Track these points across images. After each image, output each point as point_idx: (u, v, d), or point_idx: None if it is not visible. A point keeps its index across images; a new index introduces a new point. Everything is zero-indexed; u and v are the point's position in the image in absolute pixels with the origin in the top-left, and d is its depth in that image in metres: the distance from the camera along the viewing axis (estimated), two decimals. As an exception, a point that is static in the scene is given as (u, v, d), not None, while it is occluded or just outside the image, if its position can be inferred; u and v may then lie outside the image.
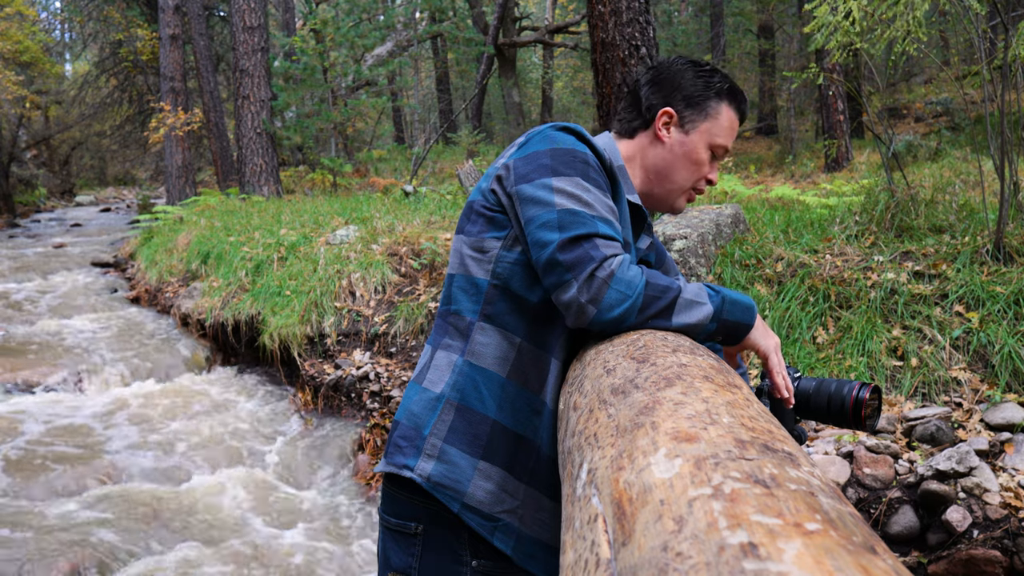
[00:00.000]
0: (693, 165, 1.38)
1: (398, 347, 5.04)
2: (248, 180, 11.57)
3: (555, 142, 1.25)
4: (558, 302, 1.15)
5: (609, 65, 5.26)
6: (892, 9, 4.13)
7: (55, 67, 21.94)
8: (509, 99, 17.30)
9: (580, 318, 1.12)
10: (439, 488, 1.22)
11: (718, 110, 1.37)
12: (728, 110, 1.38)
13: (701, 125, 1.37)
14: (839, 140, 10.90)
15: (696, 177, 1.39)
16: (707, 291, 1.18)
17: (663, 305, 1.12)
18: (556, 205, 1.16)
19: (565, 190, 1.18)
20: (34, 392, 5.45)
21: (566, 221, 1.14)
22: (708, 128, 1.37)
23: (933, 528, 2.77)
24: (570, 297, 1.11)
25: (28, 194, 21.53)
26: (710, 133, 1.37)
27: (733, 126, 1.40)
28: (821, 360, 3.63)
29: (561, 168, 1.20)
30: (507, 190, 1.25)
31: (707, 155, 1.38)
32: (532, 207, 1.19)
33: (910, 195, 4.66)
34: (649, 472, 0.58)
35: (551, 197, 1.17)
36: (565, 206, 1.16)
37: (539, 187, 1.19)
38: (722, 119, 1.38)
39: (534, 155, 1.24)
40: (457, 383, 1.25)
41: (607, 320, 1.10)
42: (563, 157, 1.22)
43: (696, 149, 1.37)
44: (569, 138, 1.27)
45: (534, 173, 1.21)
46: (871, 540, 0.46)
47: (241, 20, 11.39)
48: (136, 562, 3.37)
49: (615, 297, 1.10)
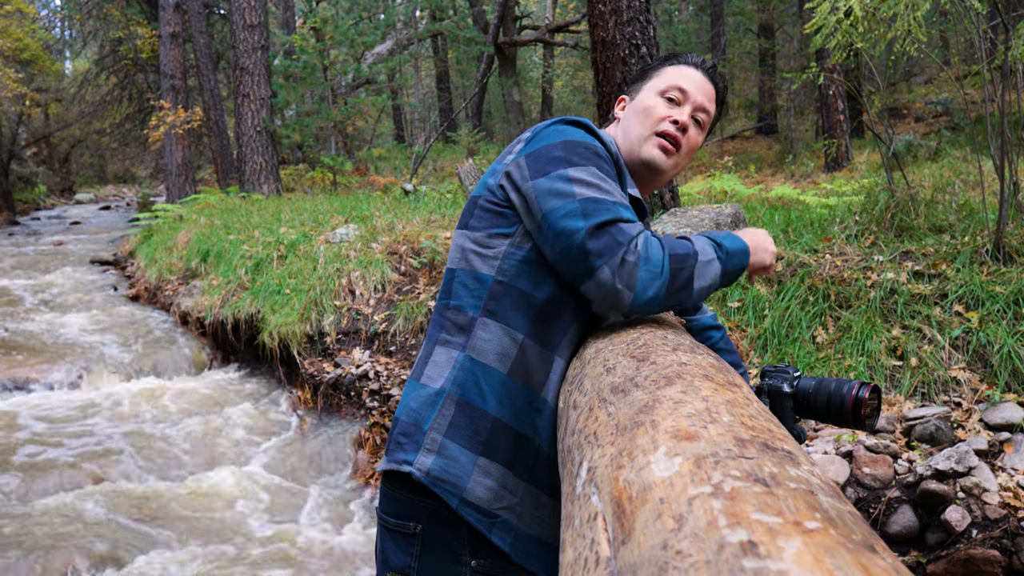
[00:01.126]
0: (643, 113, 1.39)
1: (398, 346, 5.04)
2: (248, 178, 11.56)
3: (565, 135, 1.26)
4: (590, 290, 1.16)
5: (609, 64, 5.25)
6: (893, 8, 4.13)
7: (55, 65, 21.92)
8: (509, 98, 17.30)
9: (617, 304, 1.14)
10: (438, 483, 1.22)
11: (660, 70, 1.43)
12: (671, 67, 1.42)
13: (645, 85, 1.43)
14: (839, 140, 10.90)
15: (652, 121, 1.38)
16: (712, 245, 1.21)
17: (686, 276, 1.15)
18: (577, 195, 1.17)
19: (583, 179, 1.19)
20: (33, 389, 5.45)
21: (589, 209, 1.16)
22: (652, 83, 1.42)
23: (932, 528, 2.77)
24: (604, 283, 1.13)
25: (28, 192, 21.52)
26: (654, 85, 1.41)
27: (683, 73, 1.40)
28: (821, 359, 3.63)
29: (576, 159, 1.22)
30: (519, 186, 1.24)
31: (657, 101, 1.39)
32: (551, 199, 1.19)
33: (910, 195, 4.66)
34: (649, 470, 0.58)
35: (570, 187, 1.18)
36: (586, 195, 1.17)
37: (556, 179, 1.20)
38: (666, 73, 1.41)
39: (546, 149, 1.24)
40: (458, 378, 1.25)
41: (643, 302, 1.13)
42: (576, 149, 1.24)
43: (642, 100, 1.40)
44: (579, 131, 1.28)
45: (549, 166, 1.22)
46: (870, 539, 0.46)
47: (241, 18, 11.39)
48: (134, 560, 3.37)
49: (646, 278, 1.12)
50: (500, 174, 1.28)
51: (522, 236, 1.25)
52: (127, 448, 4.52)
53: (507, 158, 1.30)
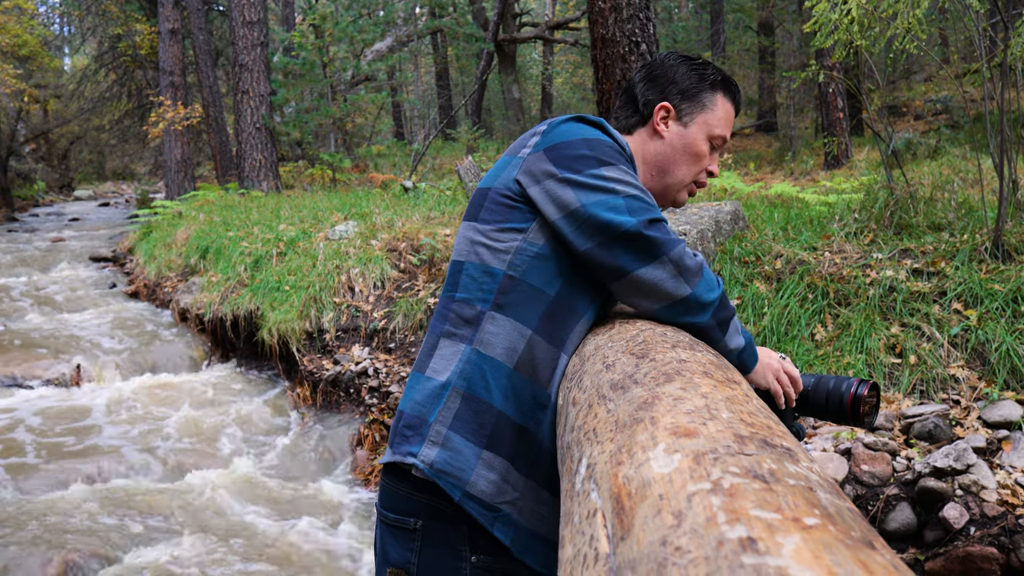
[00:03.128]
0: (694, 157, 1.39)
1: (397, 343, 5.04)
2: (247, 175, 11.55)
3: (586, 134, 1.26)
4: (638, 283, 1.18)
5: (609, 61, 5.25)
6: (893, 7, 4.13)
7: (54, 61, 21.88)
8: (509, 95, 17.28)
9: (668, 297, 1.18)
10: (441, 475, 1.21)
11: (714, 101, 1.39)
12: (724, 100, 1.40)
13: (698, 117, 1.39)
14: (839, 137, 10.90)
15: (697, 170, 1.40)
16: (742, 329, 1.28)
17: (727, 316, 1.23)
18: (619, 192, 1.19)
19: (620, 179, 1.20)
20: (31, 386, 5.45)
21: (635, 206, 1.18)
22: (705, 119, 1.39)
23: (930, 525, 2.78)
24: (660, 277, 1.17)
25: (26, 188, 21.49)
26: (708, 124, 1.39)
27: (729, 116, 1.41)
28: (820, 357, 3.63)
29: (605, 158, 1.22)
30: (540, 181, 1.23)
31: (706, 147, 1.39)
32: (589, 193, 1.19)
33: (909, 193, 4.66)
34: (648, 467, 0.58)
35: (609, 184, 1.19)
36: (628, 192, 1.19)
37: (591, 177, 1.20)
38: (718, 110, 1.39)
39: (568, 145, 1.24)
40: (464, 371, 1.24)
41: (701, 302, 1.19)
42: (601, 147, 1.24)
43: (696, 141, 1.38)
44: (596, 131, 1.28)
45: (578, 163, 1.21)
46: (869, 535, 0.46)
47: (240, 15, 11.37)
48: (133, 556, 3.37)
49: (705, 285, 1.19)
50: (516, 167, 1.27)
51: (536, 231, 1.24)
52: (125, 444, 4.52)
53: (522, 151, 1.28)
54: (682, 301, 1.18)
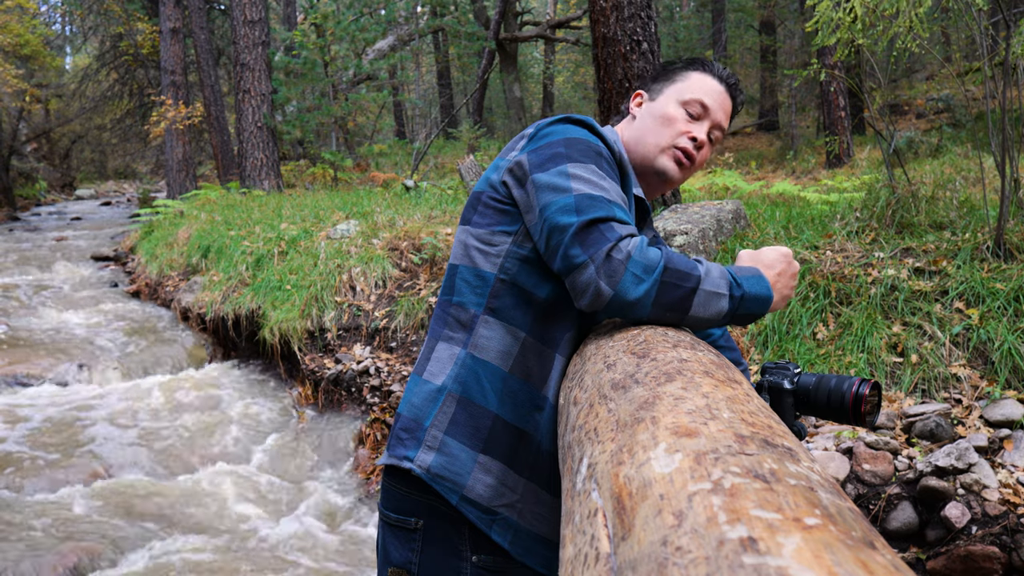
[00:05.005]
0: (663, 121, 1.38)
1: (398, 342, 5.04)
2: (249, 174, 11.56)
3: (568, 133, 1.26)
4: (573, 285, 1.12)
5: (611, 60, 5.25)
6: (895, 5, 4.12)
7: (55, 60, 21.90)
8: (510, 94, 17.27)
9: (596, 300, 1.09)
10: (438, 480, 1.22)
11: (685, 75, 1.41)
12: (696, 73, 1.41)
13: (667, 88, 1.41)
14: (840, 136, 10.89)
15: (671, 133, 1.38)
16: (730, 281, 1.13)
17: (679, 296, 1.09)
18: (573, 190, 1.16)
19: (581, 176, 1.19)
20: (33, 385, 5.45)
21: (583, 205, 1.15)
22: (675, 88, 1.40)
23: (932, 524, 2.77)
24: (587, 278, 1.09)
25: (28, 187, 21.52)
26: (678, 91, 1.40)
27: (705, 84, 1.39)
28: (821, 356, 3.63)
29: (576, 156, 1.22)
30: (521, 182, 1.25)
31: (679, 112, 1.38)
32: (548, 194, 1.19)
33: (911, 191, 4.65)
34: (649, 467, 0.58)
35: (567, 183, 1.18)
36: (582, 191, 1.16)
37: (555, 175, 1.20)
38: (691, 80, 1.40)
39: (548, 146, 1.25)
40: (459, 375, 1.25)
41: (624, 302, 1.08)
42: (577, 146, 1.24)
43: (663, 107, 1.39)
44: (582, 130, 1.28)
45: (549, 162, 1.22)
46: (870, 535, 0.46)
47: (242, 14, 11.37)
48: (134, 556, 3.38)
49: (630, 279, 1.07)
50: (503, 170, 1.28)
51: (524, 235, 1.25)
52: (126, 444, 4.52)
53: (510, 154, 1.29)
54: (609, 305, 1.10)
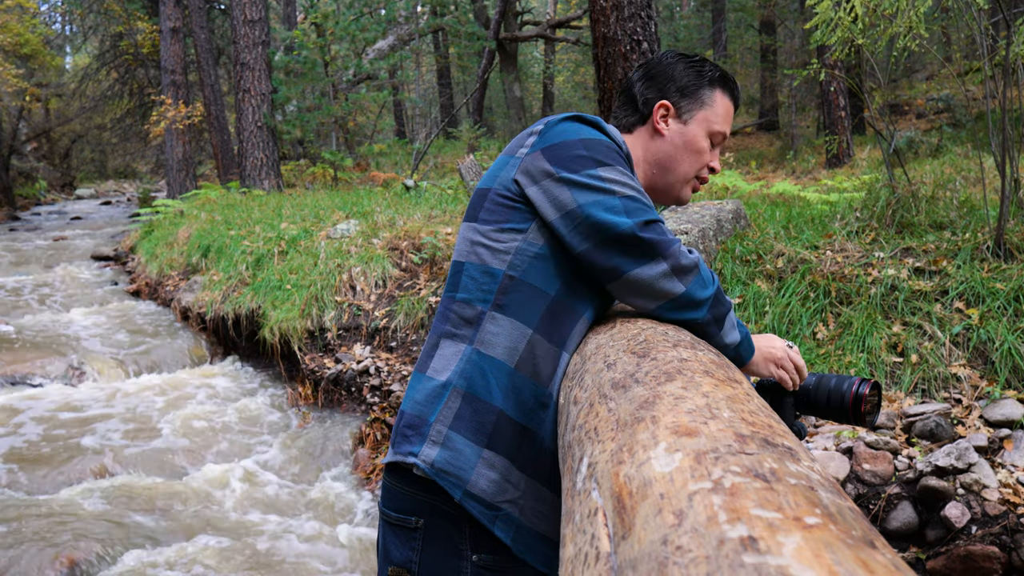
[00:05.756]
0: (695, 154, 1.41)
1: (398, 341, 5.04)
2: (249, 174, 11.56)
3: (582, 133, 1.26)
4: (638, 277, 1.19)
5: (611, 60, 5.25)
6: (895, 4, 4.12)
7: (55, 60, 21.90)
8: (510, 94, 17.27)
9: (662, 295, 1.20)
10: (442, 475, 1.22)
11: (713, 97, 1.41)
12: (722, 96, 1.42)
13: (698, 114, 1.40)
14: (840, 136, 10.88)
15: (699, 166, 1.42)
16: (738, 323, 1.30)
17: (723, 311, 1.24)
18: (616, 192, 1.20)
19: (616, 179, 1.21)
20: (33, 384, 5.45)
21: (631, 207, 1.19)
22: (705, 116, 1.40)
23: (932, 524, 2.77)
24: (659, 272, 1.19)
25: (28, 187, 21.52)
26: (707, 120, 1.40)
27: (728, 112, 1.43)
28: (821, 356, 3.63)
29: (602, 158, 1.23)
30: (536, 180, 1.23)
31: (707, 143, 1.41)
32: (586, 193, 1.20)
33: (911, 191, 4.65)
34: (649, 466, 0.58)
35: (606, 185, 1.20)
36: (624, 193, 1.20)
37: (588, 177, 1.21)
38: (717, 106, 1.41)
39: (565, 145, 1.24)
40: (465, 371, 1.24)
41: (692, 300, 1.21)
42: (598, 147, 1.24)
43: (696, 138, 1.40)
44: (594, 131, 1.28)
45: (576, 163, 1.22)
46: (870, 535, 0.46)
47: (242, 13, 11.37)
48: (134, 555, 3.38)
49: (699, 283, 1.21)
50: (514, 167, 1.27)
51: (536, 232, 1.24)
52: (127, 443, 4.52)
53: (519, 151, 1.28)
54: (677, 299, 1.20)
